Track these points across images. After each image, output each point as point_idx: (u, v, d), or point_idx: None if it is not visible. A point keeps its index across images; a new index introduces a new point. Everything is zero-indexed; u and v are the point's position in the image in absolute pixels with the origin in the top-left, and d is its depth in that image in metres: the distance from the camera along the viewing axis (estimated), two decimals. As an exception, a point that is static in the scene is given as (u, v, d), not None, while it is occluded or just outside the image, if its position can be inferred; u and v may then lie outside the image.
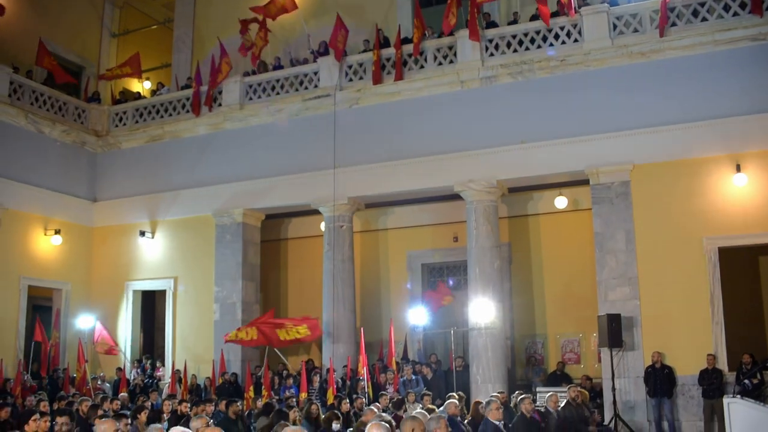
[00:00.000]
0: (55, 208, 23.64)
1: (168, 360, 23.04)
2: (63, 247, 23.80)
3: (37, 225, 23.27)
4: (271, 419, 11.03)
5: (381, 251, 23.94)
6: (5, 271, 21.96)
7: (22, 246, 22.76)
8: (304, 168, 21.33)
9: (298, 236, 25.21)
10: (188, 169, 23.26)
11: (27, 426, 10.50)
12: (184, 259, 23.32)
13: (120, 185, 24.62)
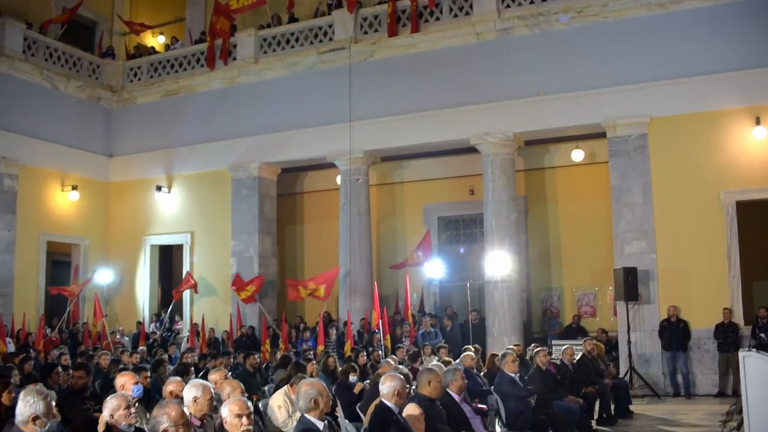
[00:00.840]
0: (71, 164, 23.74)
1: (186, 314, 23.24)
2: (80, 203, 23.93)
3: (55, 181, 23.39)
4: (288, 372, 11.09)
5: (397, 204, 23.94)
6: (24, 227, 22.12)
7: (40, 202, 22.91)
8: (320, 121, 21.27)
9: (314, 190, 25.23)
10: (203, 123, 23.24)
11: (50, 379, 10.67)
12: (200, 214, 23.40)
13: (135, 140, 24.66)
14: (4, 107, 21.60)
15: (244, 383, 8.23)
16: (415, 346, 17.27)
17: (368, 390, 10.23)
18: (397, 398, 7.14)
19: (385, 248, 23.58)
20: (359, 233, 20.91)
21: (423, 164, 23.17)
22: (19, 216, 22.01)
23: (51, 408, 5.82)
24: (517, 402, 10.51)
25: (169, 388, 8.19)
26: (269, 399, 9.81)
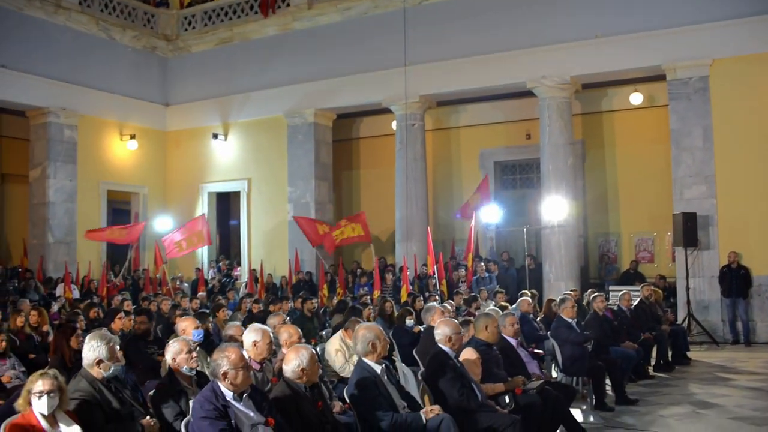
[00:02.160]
0: (129, 114, 24.03)
1: (244, 260, 23.53)
2: (139, 152, 24.25)
3: (113, 131, 23.72)
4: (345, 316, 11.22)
5: (453, 149, 23.83)
6: (85, 177, 22.52)
7: (100, 152, 23.28)
8: (375, 66, 21.15)
9: (369, 135, 25.21)
10: (258, 70, 23.27)
11: (113, 324, 10.91)
12: (257, 161, 23.55)
13: (191, 89, 24.81)
14: (62, 59, 21.85)
15: (301, 328, 8.34)
16: (471, 291, 17.28)
17: (424, 335, 10.29)
18: (451, 343, 7.18)
19: (441, 193, 23.54)
20: (415, 178, 20.88)
21: (479, 108, 22.97)
22: (80, 166, 22.40)
23: (115, 352, 5.97)
24: (573, 347, 10.50)
25: (229, 333, 8.34)
26: (326, 344, 9.93)
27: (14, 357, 9.27)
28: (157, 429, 5.81)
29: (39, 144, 22.04)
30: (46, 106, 21.63)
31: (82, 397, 5.69)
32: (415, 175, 20.91)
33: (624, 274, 20.31)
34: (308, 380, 5.89)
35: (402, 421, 6.15)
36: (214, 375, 5.40)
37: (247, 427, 5.23)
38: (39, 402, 5.27)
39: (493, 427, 6.75)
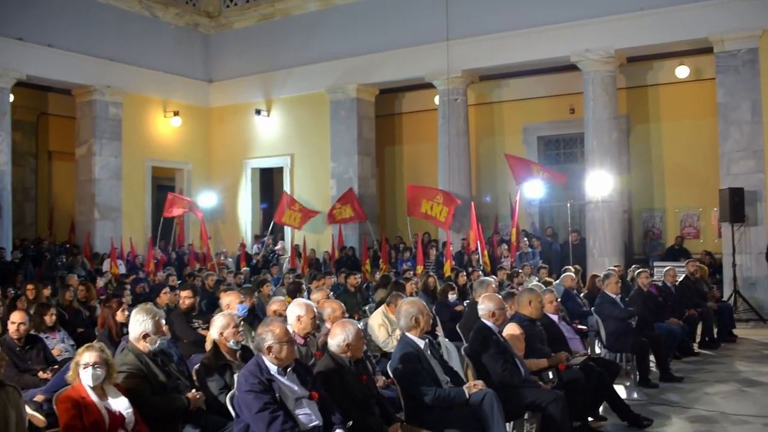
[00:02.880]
0: (173, 91, 24.19)
1: (287, 235, 23.66)
2: (182, 128, 24.43)
3: (157, 108, 23.92)
4: (388, 291, 11.25)
5: (496, 124, 23.71)
6: (131, 154, 22.77)
7: (144, 129, 23.50)
8: (417, 41, 21.02)
9: (412, 110, 25.17)
10: (300, 46, 23.26)
11: (158, 298, 11.06)
12: (299, 136, 23.61)
13: (234, 65, 24.88)
14: (106, 37, 22.01)
15: (345, 303, 8.37)
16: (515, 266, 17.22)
17: (469, 310, 10.28)
18: (494, 318, 7.17)
19: (484, 168, 23.45)
20: (458, 153, 20.80)
21: (522, 83, 22.81)
22: (125, 143, 22.64)
23: (160, 326, 6.05)
24: (617, 323, 10.44)
25: (273, 308, 8.40)
26: (369, 318, 9.97)
27: (63, 331, 9.43)
28: (203, 402, 5.89)
29: (85, 122, 22.30)
30: (91, 84, 21.86)
31: (129, 370, 5.78)
32: (458, 150, 20.83)
33: (669, 250, 20.12)
34: (353, 355, 5.92)
35: (445, 395, 6.16)
36: (259, 349, 5.44)
37: (291, 400, 5.28)
38: (86, 374, 5.37)
39: (536, 403, 6.75)
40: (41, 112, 25.79)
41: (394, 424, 5.76)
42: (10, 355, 7.13)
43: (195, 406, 5.81)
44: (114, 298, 9.46)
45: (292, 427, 5.11)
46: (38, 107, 25.38)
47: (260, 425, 5.10)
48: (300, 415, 5.26)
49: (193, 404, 5.80)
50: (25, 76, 20.32)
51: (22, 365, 7.69)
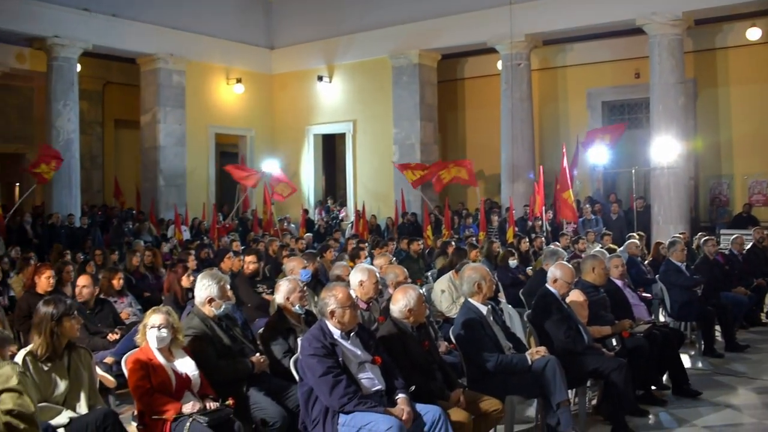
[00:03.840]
0: (235, 58, 24.34)
1: (350, 201, 23.75)
2: (245, 95, 24.59)
3: (220, 75, 24.11)
4: (450, 258, 11.23)
5: (560, 89, 23.41)
6: (194, 121, 23.02)
7: (207, 96, 23.73)
8: (479, 5, 20.76)
9: (475, 75, 24.97)
10: (362, 11, 23.16)
11: (222, 264, 11.19)
12: (362, 102, 23.60)
13: (296, 31, 24.89)
14: (169, 5, 22.21)
15: (407, 269, 8.38)
16: (577, 233, 17.06)
17: (532, 277, 10.23)
18: (558, 285, 7.12)
19: (548, 134, 23.20)
20: (521, 119, 20.61)
21: (586, 47, 22.44)
22: (189, 110, 22.89)
23: (225, 291, 6.12)
24: (682, 291, 10.30)
25: (336, 273, 8.45)
26: (432, 284, 9.97)
27: (131, 295, 9.62)
28: (267, 365, 5.96)
29: (149, 90, 22.59)
30: (154, 53, 22.10)
31: (195, 334, 5.87)
32: (521, 115, 20.63)
33: (736, 218, 19.73)
34: (415, 320, 5.93)
35: (507, 362, 6.16)
36: (322, 313, 5.48)
37: (354, 365, 5.31)
38: (154, 336, 5.48)
39: (599, 370, 6.71)
40: (107, 81, 26.19)
41: (456, 390, 5.76)
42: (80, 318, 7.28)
43: (259, 369, 5.88)
44: (179, 264, 9.61)
45: (355, 391, 5.14)
46: (104, 76, 25.77)
47: (323, 389, 5.14)
48: (363, 379, 5.30)
49: (258, 368, 5.87)
50: (91, 46, 20.64)
51: (92, 327, 7.86)
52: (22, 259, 12.41)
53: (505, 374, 6.16)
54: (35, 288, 8.50)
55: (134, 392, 5.43)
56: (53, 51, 20.09)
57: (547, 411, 6.21)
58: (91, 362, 5.38)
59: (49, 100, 20.41)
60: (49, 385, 5.06)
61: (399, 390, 5.33)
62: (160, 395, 5.32)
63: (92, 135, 26.22)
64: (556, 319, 6.89)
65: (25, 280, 10.34)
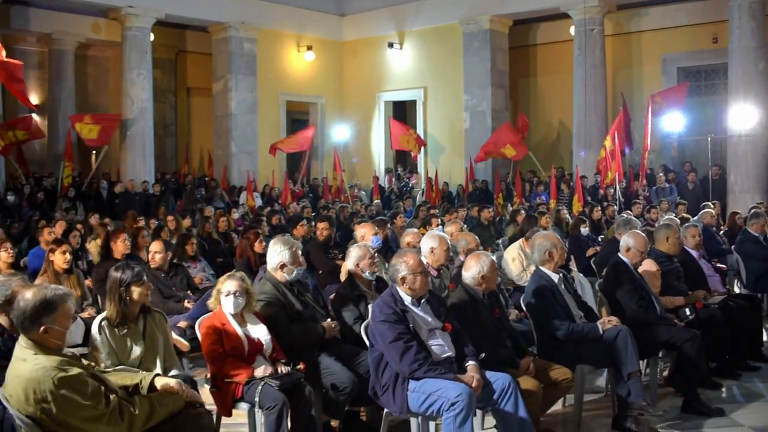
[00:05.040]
0: (305, 25, 24.39)
1: (420, 168, 23.72)
2: (315, 63, 24.67)
3: (290, 42, 24.21)
4: (521, 225, 11.16)
5: (634, 55, 22.93)
6: (265, 89, 23.20)
7: (278, 63, 23.87)
8: (551, -31, 20.51)
9: (547, 41, 24.59)
10: (433, -24, 23.03)
11: (294, 230, 11.29)
12: (432, 69, 23.50)
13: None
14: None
15: (478, 236, 8.35)
16: (650, 201, 16.81)
17: (604, 246, 10.12)
18: (630, 254, 7.01)
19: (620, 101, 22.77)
20: (594, 86, 20.31)
21: (662, 11, 21.91)
22: (260, 78, 23.07)
23: (297, 256, 6.16)
24: (759, 263, 10.08)
25: (407, 239, 8.46)
26: (503, 252, 9.93)
27: (204, 261, 9.76)
28: (337, 331, 6.00)
29: (221, 58, 22.81)
30: (226, 21, 22.28)
31: (267, 299, 5.93)
32: (594, 82, 20.33)
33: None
34: (487, 287, 5.91)
35: (578, 330, 6.10)
36: (393, 280, 5.49)
37: (424, 331, 5.32)
38: (228, 302, 5.55)
39: (672, 341, 6.61)
40: (179, 50, 26.49)
41: (526, 358, 5.74)
42: (155, 282, 7.40)
43: (330, 335, 5.93)
44: (252, 230, 9.71)
45: (425, 358, 5.15)
46: (176, 45, 26.07)
47: (394, 354, 5.16)
48: (433, 345, 5.30)
49: (329, 333, 5.91)
50: (163, 15, 20.91)
51: (167, 292, 8.01)
52: (99, 224, 12.76)
53: (575, 343, 6.11)
54: (111, 253, 8.68)
55: (207, 356, 5.52)
56: (127, 21, 20.42)
57: (617, 381, 6.14)
58: (166, 326, 5.47)
59: (124, 69, 20.78)
60: (125, 349, 5.16)
61: (469, 357, 5.32)
62: (232, 359, 5.40)
63: (165, 103, 26.60)
64: (628, 288, 6.80)
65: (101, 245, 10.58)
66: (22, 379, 3.84)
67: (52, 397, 3.78)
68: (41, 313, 3.93)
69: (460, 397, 4.90)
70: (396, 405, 5.21)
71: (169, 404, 4.21)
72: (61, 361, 3.91)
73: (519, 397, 5.16)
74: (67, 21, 22.69)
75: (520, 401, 5.14)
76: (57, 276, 7.71)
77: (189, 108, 27.64)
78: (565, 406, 6.57)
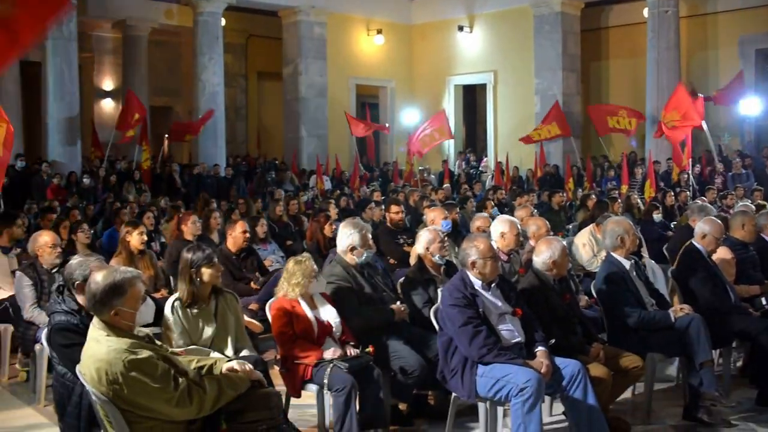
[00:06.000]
0: (375, 9, 24.42)
1: (490, 152, 23.62)
2: (385, 46, 24.68)
3: (360, 26, 24.26)
4: (591, 210, 11.05)
5: (709, 37, 22.40)
6: (336, 72, 23.29)
7: (348, 47, 23.97)
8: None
9: (619, 24, 24.17)
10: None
11: (364, 213, 11.34)
12: (502, 52, 23.34)
13: (436, -19, 24.76)
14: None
15: (548, 221, 8.28)
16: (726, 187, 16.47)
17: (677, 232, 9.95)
18: (705, 242, 6.89)
19: (696, 84, 22.30)
20: (667, 69, 19.92)
21: (740, -9, 21.40)
22: (330, 62, 23.16)
23: (367, 239, 6.19)
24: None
25: (477, 224, 8.43)
26: (573, 237, 9.84)
27: (274, 243, 9.85)
28: (407, 315, 6.02)
29: (291, 42, 22.96)
30: (296, 5, 22.41)
31: (337, 281, 5.97)
32: (668, 65, 19.94)
33: None
34: (557, 273, 5.86)
35: (650, 318, 6.02)
36: (463, 264, 5.48)
37: (494, 316, 5.30)
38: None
39: (746, 331, 6.47)
40: (250, 34, 26.73)
41: (596, 345, 5.68)
42: (226, 264, 7.50)
43: (399, 318, 5.94)
44: (321, 213, 9.78)
45: (495, 342, 5.14)
46: (247, 30, 26.31)
47: (463, 339, 5.16)
48: (503, 330, 5.28)
49: (398, 316, 5.93)
50: (234, 0, 21.07)
51: (237, 273, 8.10)
52: (171, 207, 12.99)
53: (646, 331, 6.03)
54: (183, 235, 8.83)
55: (277, 338, 5.59)
56: (199, 6, 20.68)
57: (689, 371, 6.05)
58: (237, 307, 5.54)
59: (195, 54, 21.07)
60: (197, 329, 5.25)
61: (539, 343, 5.30)
62: (302, 341, 5.46)
63: (236, 87, 26.87)
64: (701, 276, 6.67)
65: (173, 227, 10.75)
66: (95, 359, 3.93)
67: (123, 379, 3.86)
68: (111, 296, 4.01)
69: (529, 383, 4.88)
70: (464, 389, 5.22)
71: (237, 385, 4.26)
72: (132, 344, 3.98)
73: (588, 384, 5.12)
74: (141, 7, 23.09)
75: (589, 388, 5.11)
76: (131, 256, 7.86)
77: (259, 92, 27.89)
78: (635, 394, 6.51)
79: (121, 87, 24.54)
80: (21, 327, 6.89)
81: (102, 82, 25.79)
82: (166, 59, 26.26)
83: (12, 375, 7.47)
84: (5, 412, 6.52)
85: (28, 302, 6.75)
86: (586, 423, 5.09)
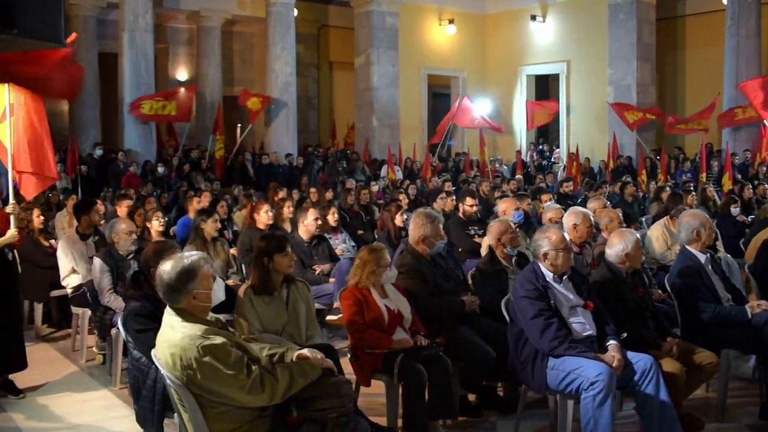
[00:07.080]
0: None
1: (562, 143, 23.40)
2: (457, 36, 24.60)
3: (432, 16, 24.21)
4: (665, 203, 10.88)
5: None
6: (406, 62, 23.30)
7: (420, 38, 23.94)
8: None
9: (696, 12, 23.69)
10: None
11: (435, 204, 11.33)
12: (576, 42, 23.08)
13: (509, -31, 24.58)
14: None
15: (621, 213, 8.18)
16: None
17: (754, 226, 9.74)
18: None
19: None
20: (747, 58, 19.46)
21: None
22: (401, 52, 23.18)
23: (438, 230, 6.18)
24: None
25: (549, 215, 8.36)
26: (647, 230, 9.70)
27: (345, 232, 9.90)
28: (477, 305, 6.00)
29: (363, 32, 23.02)
30: (369, -5, 22.48)
31: (408, 271, 5.97)
32: (747, 54, 19.47)
33: None
34: (630, 265, 5.78)
35: (725, 313, 5.90)
36: (535, 255, 5.44)
37: (566, 308, 5.26)
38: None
39: (828, 328, 6.31)
40: (322, 25, 26.86)
41: (669, 340, 5.58)
42: (297, 252, 7.56)
43: (470, 309, 5.93)
44: (393, 203, 9.79)
45: (566, 335, 5.10)
46: (319, 20, 26.44)
47: (534, 331, 5.13)
48: (574, 323, 5.23)
49: (468, 307, 5.92)
50: (306, -10, 21.24)
51: (308, 261, 8.17)
52: (244, 196, 13.16)
53: (722, 327, 5.90)
54: (256, 223, 8.94)
55: (348, 327, 5.61)
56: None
57: (766, 368, 5.93)
58: (308, 295, 5.59)
59: (268, 44, 21.29)
60: (268, 316, 5.32)
61: (610, 336, 5.23)
62: (372, 330, 5.46)
63: (308, 77, 27.03)
64: (780, 270, 6.53)
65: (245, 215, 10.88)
66: (170, 344, 3.99)
67: (197, 364, 3.91)
68: (185, 281, 4.07)
69: (600, 377, 4.83)
70: (534, 382, 5.19)
71: (308, 373, 4.30)
72: (206, 330, 4.03)
73: (661, 380, 5.04)
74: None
75: (661, 384, 5.03)
76: (204, 244, 7.99)
77: (331, 82, 28.03)
78: (709, 391, 6.36)
79: (195, 77, 24.88)
80: (98, 311, 7.07)
81: (176, 72, 26.18)
82: (239, 50, 26.55)
83: (89, 358, 7.65)
84: (83, 394, 6.69)
85: (105, 288, 6.92)
86: (658, 419, 5.01)
